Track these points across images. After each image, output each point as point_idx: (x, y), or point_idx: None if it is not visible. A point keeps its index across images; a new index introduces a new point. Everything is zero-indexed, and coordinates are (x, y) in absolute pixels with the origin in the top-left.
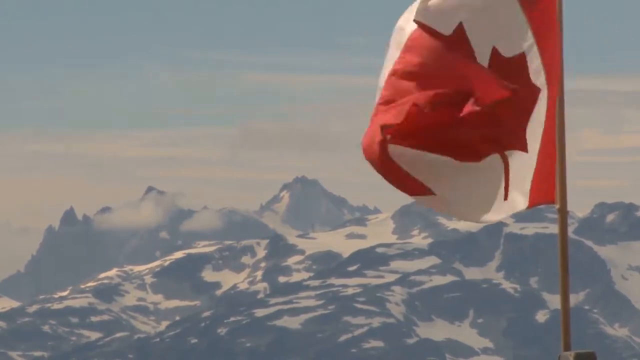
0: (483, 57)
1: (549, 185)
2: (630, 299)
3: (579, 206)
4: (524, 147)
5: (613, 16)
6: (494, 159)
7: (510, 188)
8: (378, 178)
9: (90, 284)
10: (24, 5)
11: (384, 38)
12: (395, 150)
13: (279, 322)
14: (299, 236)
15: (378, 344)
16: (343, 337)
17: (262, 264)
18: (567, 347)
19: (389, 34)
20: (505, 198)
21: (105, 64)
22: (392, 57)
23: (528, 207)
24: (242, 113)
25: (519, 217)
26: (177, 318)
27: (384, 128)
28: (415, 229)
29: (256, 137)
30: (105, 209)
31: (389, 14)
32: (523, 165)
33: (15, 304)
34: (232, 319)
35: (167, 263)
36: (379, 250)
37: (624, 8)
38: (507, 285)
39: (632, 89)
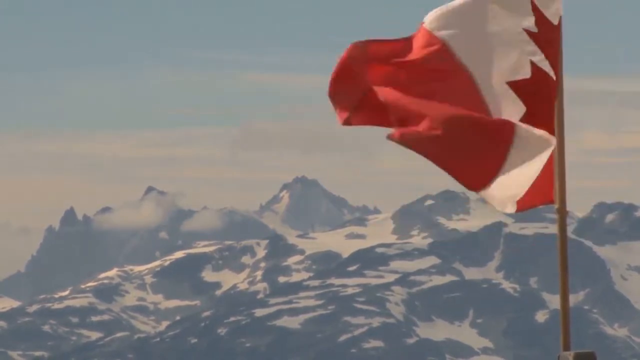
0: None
1: (547, 185)
2: (629, 299)
3: (579, 206)
4: None
5: (613, 16)
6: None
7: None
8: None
9: (90, 284)
10: (24, 5)
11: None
12: None
13: (278, 322)
14: (299, 236)
15: (378, 344)
16: (343, 337)
17: (262, 264)
18: (566, 347)
19: (389, 34)
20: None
21: (105, 64)
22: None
23: (517, 211)
24: (242, 113)
25: (518, 217)
26: (177, 318)
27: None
28: (415, 229)
29: (256, 137)
30: (105, 209)
31: (390, 14)
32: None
33: (15, 304)
34: (232, 319)
35: (167, 263)
36: (379, 250)
37: (624, 8)
38: (507, 285)
39: (632, 89)
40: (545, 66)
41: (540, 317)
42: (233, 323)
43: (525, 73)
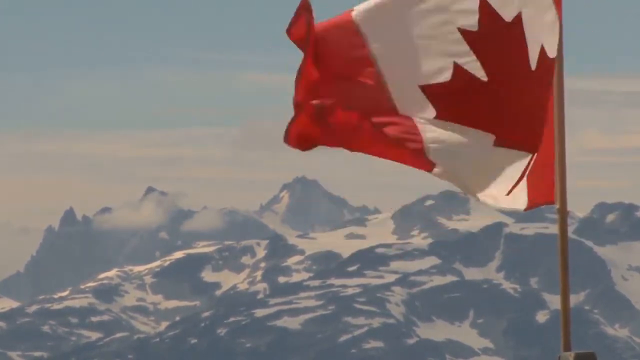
0: (532, 58)
1: (548, 185)
2: (630, 299)
3: (579, 206)
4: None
5: (613, 16)
6: (518, 153)
7: (516, 186)
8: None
9: (90, 284)
10: (24, 5)
11: None
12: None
13: (278, 323)
14: (299, 236)
15: (378, 344)
16: (343, 338)
17: (262, 264)
18: (567, 348)
19: None
20: (508, 193)
21: (105, 64)
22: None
23: (526, 209)
24: (242, 113)
25: (519, 217)
26: (177, 318)
27: None
28: (415, 229)
29: (256, 137)
30: (105, 209)
31: None
32: (522, 166)
33: (15, 304)
34: (231, 319)
35: (167, 263)
36: (379, 250)
37: (624, 8)
38: (508, 286)
39: (632, 89)
40: (473, 68)
41: (541, 317)
42: (233, 323)
43: (445, 77)
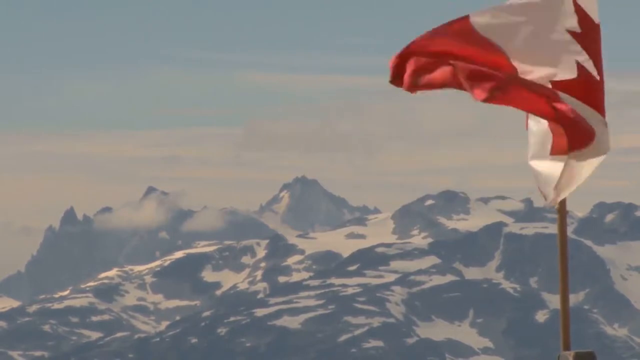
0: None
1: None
2: (629, 298)
3: (579, 206)
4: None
5: (614, 16)
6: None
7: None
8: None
9: (91, 283)
10: (24, 6)
11: (383, 38)
12: None
13: (278, 322)
14: (299, 236)
15: (378, 343)
16: (343, 337)
17: (262, 264)
18: (566, 347)
19: (389, 35)
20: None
21: (105, 64)
22: None
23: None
24: (242, 113)
25: (518, 217)
26: (177, 318)
27: None
28: (415, 228)
29: (257, 137)
30: (105, 209)
31: (389, 14)
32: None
33: (15, 304)
34: (232, 318)
35: (167, 263)
36: (379, 250)
37: (625, 8)
38: (507, 285)
39: (632, 89)
40: (590, 67)
41: (540, 317)
42: (233, 323)
43: (572, 73)
